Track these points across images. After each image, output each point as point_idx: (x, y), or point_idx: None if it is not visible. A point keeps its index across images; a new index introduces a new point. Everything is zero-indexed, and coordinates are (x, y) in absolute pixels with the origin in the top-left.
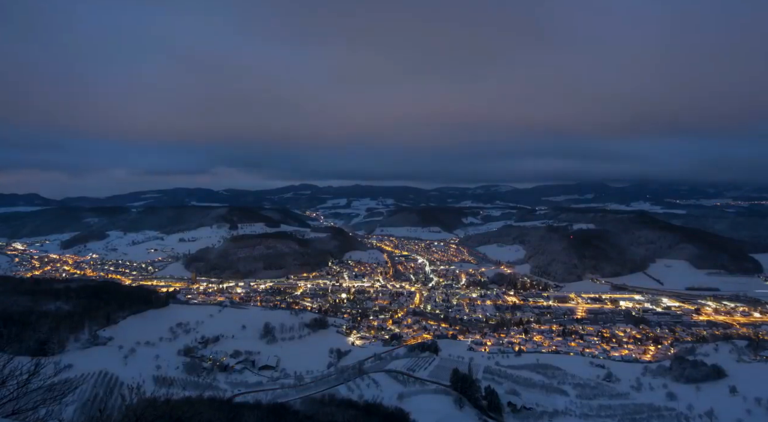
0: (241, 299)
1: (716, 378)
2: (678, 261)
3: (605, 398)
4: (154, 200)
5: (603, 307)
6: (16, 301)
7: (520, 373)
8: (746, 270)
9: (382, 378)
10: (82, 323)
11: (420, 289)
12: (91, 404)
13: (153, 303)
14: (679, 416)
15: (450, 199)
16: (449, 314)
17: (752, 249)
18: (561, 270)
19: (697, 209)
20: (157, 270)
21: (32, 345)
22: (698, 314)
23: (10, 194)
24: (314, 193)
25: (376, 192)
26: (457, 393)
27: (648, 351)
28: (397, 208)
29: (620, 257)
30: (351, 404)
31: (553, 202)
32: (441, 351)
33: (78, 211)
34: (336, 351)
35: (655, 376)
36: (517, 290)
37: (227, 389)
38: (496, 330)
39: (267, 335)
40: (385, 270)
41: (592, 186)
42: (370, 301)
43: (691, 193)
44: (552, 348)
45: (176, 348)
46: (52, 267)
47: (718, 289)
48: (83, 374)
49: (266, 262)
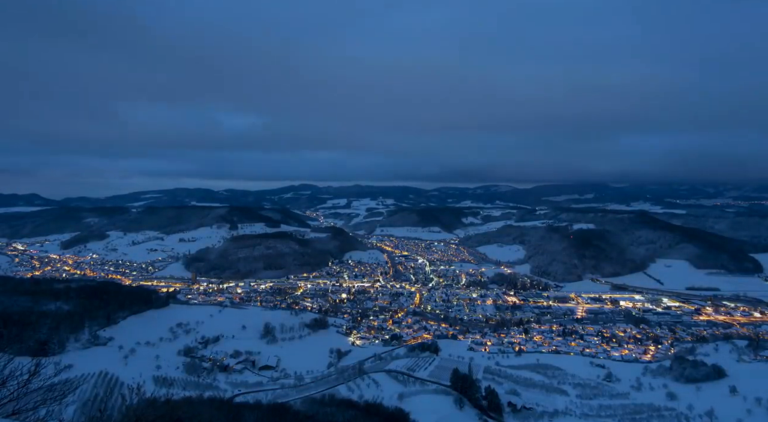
0: (241, 299)
1: (716, 378)
2: (678, 261)
3: (605, 398)
4: (154, 200)
5: (603, 307)
6: (16, 301)
7: (520, 373)
8: (746, 270)
9: (383, 378)
10: (82, 323)
11: (420, 289)
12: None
13: (153, 304)
14: (680, 416)
15: (450, 199)
16: (449, 314)
17: (752, 249)
18: (561, 270)
19: (697, 209)
20: (157, 270)
21: (32, 346)
22: (698, 314)
23: (10, 194)
24: (314, 193)
25: (376, 192)
26: (457, 393)
27: (648, 351)
28: (397, 208)
29: (620, 257)
30: (351, 404)
31: (553, 201)
32: (441, 351)
33: (78, 211)
34: (336, 351)
35: (656, 376)
36: (517, 290)
37: (227, 389)
38: (496, 330)
39: (267, 335)
40: (385, 270)
41: (592, 186)
42: (370, 301)
43: (691, 193)
44: (552, 348)
45: (176, 349)
46: (52, 268)
47: (718, 289)
48: (83, 374)
49: (266, 262)
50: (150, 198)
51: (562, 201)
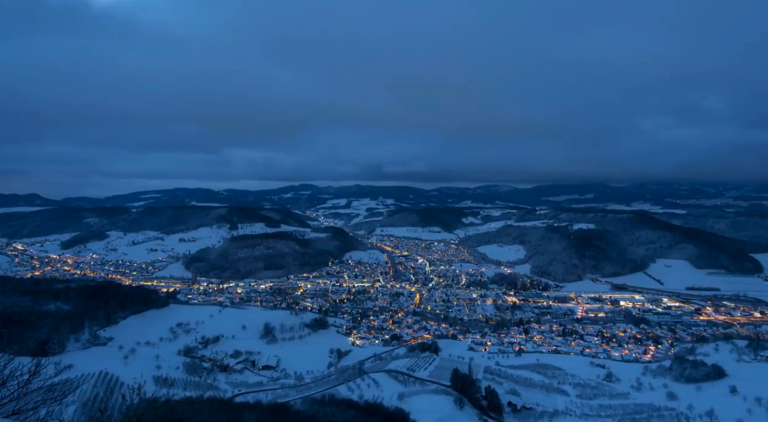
0: (241, 299)
1: (716, 378)
2: (678, 261)
3: (605, 398)
4: (154, 200)
5: (603, 307)
6: (16, 301)
7: (520, 373)
8: (746, 270)
9: (383, 378)
10: (83, 323)
11: (420, 289)
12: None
13: (153, 304)
14: (680, 416)
15: (450, 199)
16: (449, 314)
17: (752, 249)
18: (561, 270)
19: (697, 209)
20: (157, 270)
21: (32, 346)
22: (698, 314)
23: (10, 194)
24: (314, 193)
25: (376, 192)
26: (457, 393)
27: (648, 351)
28: (397, 208)
29: (620, 257)
30: (351, 404)
31: (553, 201)
32: (441, 351)
33: (78, 211)
34: (336, 351)
35: (656, 376)
36: (517, 290)
37: (227, 389)
38: (497, 330)
39: (267, 335)
40: (385, 270)
41: (592, 186)
42: (371, 301)
43: (691, 193)
44: (552, 348)
45: (176, 349)
46: (52, 268)
47: (718, 289)
48: (83, 374)
49: (266, 262)
50: (150, 198)
51: (562, 201)
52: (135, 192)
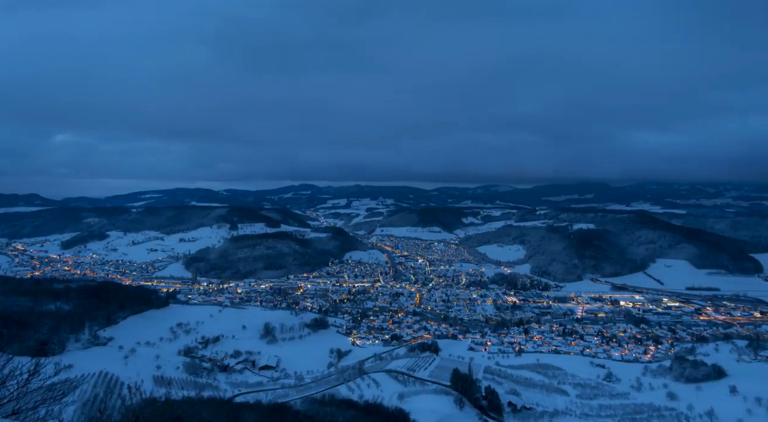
0: (241, 299)
1: (716, 378)
2: (678, 261)
3: (605, 398)
4: (154, 200)
5: (603, 307)
6: (16, 301)
7: (520, 373)
8: (746, 270)
9: (383, 378)
10: (83, 323)
11: (420, 289)
12: (91, 404)
13: (153, 304)
14: (680, 416)
15: (450, 199)
16: (449, 314)
17: (752, 249)
18: (561, 270)
19: (697, 209)
20: (157, 270)
21: (32, 345)
22: (698, 314)
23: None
24: (314, 193)
25: (376, 192)
26: (457, 393)
27: (648, 351)
28: (397, 208)
29: (620, 257)
30: (351, 404)
31: (553, 202)
32: (441, 351)
33: (78, 211)
34: (336, 351)
35: (656, 376)
36: (517, 290)
37: (227, 389)
38: (497, 330)
39: (267, 335)
40: (385, 270)
41: (592, 186)
42: (371, 301)
43: (691, 193)
44: (552, 348)
45: (176, 349)
46: (52, 268)
47: (718, 289)
48: (83, 374)
49: (266, 262)
50: (150, 198)
51: (562, 201)
52: (135, 192)
